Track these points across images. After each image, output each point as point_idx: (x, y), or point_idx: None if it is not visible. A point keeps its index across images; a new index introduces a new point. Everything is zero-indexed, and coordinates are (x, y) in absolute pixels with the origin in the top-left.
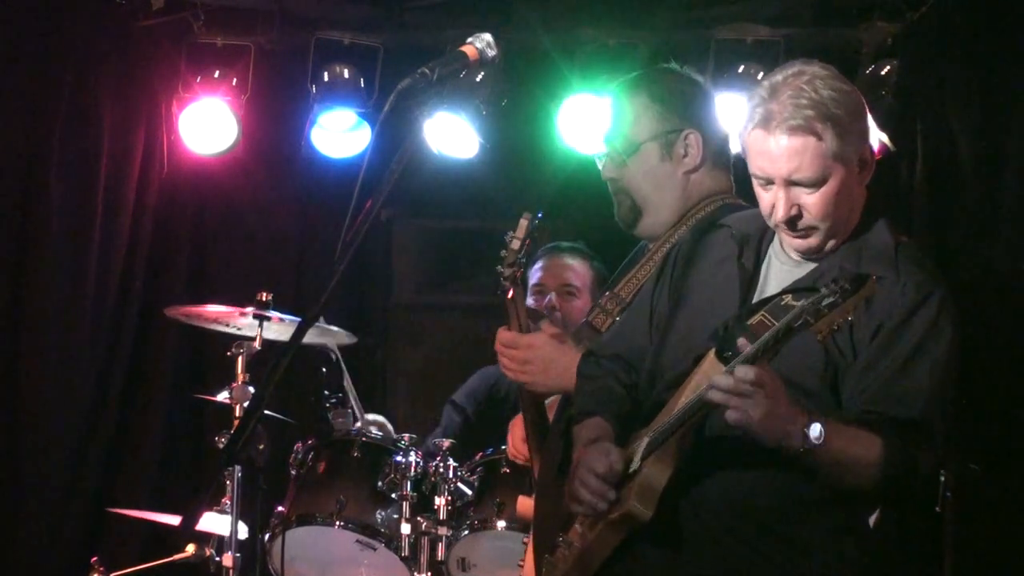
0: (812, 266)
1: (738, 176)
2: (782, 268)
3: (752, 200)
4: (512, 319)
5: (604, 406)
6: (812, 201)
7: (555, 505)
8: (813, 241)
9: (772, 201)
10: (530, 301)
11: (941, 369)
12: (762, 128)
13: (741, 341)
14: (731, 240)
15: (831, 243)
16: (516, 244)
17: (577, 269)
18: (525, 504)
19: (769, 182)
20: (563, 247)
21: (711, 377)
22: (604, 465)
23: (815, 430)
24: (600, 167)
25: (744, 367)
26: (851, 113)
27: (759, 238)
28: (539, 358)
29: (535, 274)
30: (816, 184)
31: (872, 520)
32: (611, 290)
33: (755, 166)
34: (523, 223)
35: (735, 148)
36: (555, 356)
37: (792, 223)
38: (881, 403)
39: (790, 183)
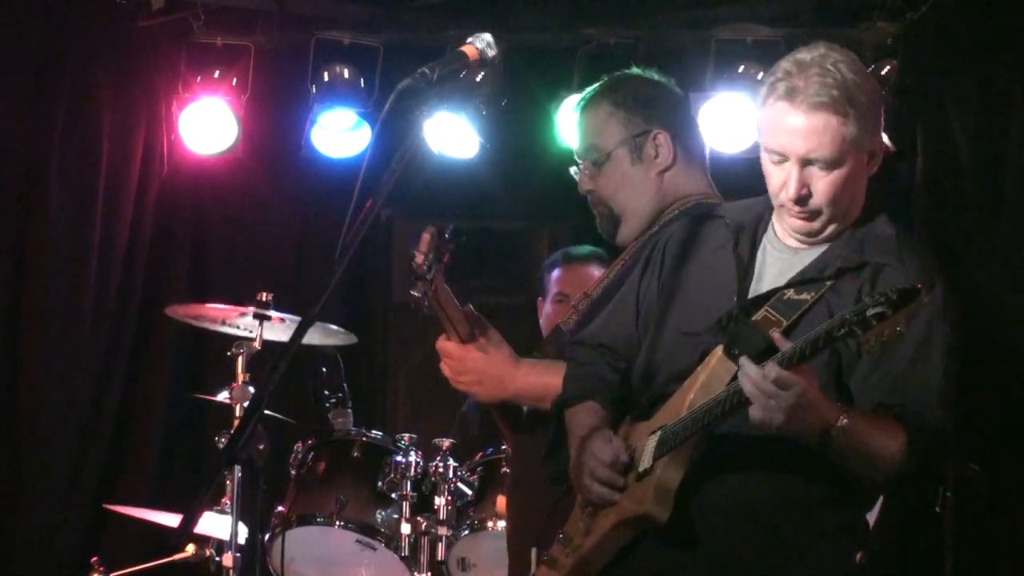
0: (808, 255)
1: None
2: (779, 257)
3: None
4: (449, 328)
5: (597, 391)
6: (823, 183)
7: (541, 493)
8: (816, 224)
9: (784, 179)
10: (549, 308)
11: (948, 361)
12: (786, 101)
13: (787, 347)
14: (725, 229)
15: (830, 228)
16: (420, 259)
17: (598, 275)
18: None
19: (784, 159)
20: (581, 253)
21: (720, 375)
22: (610, 454)
23: (841, 424)
24: (577, 182)
25: (786, 375)
26: (872, 102)
27: (754, 227)
28: (471, 370)
29: (555, 283)
30: (831, 166)
31: (872, 520)
32: (586, 294)
33: (773, 141)
34: (426, 237)
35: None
36: (485, 368)
37: (802, 201)
38: (895, 396)
39: (806, 162)
